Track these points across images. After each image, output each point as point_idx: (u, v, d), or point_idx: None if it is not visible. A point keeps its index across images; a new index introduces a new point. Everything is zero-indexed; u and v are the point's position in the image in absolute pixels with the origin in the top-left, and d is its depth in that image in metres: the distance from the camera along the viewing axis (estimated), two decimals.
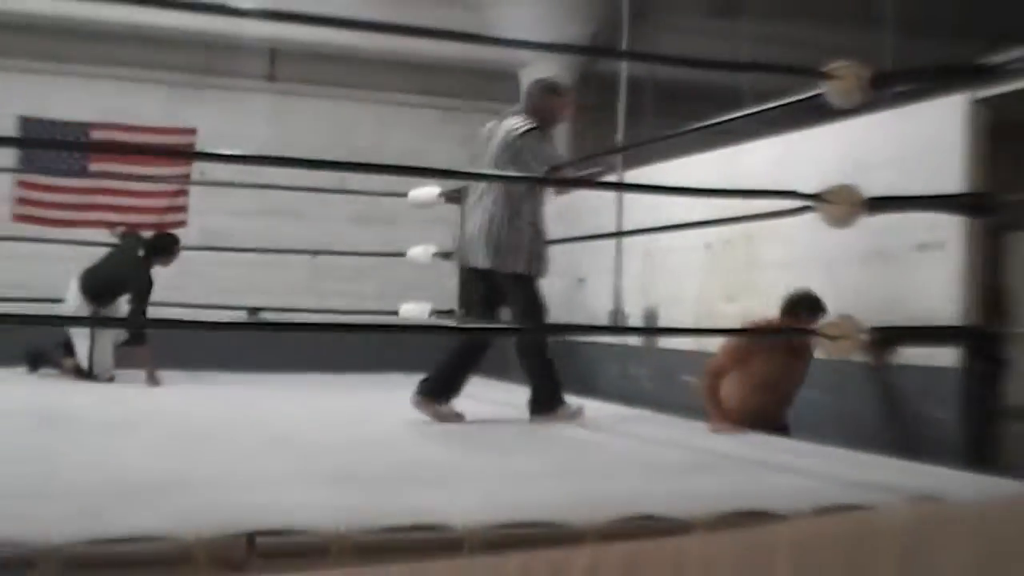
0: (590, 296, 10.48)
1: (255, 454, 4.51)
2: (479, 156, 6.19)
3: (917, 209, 5.42)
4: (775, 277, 7.83)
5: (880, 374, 6.40)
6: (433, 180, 7.81)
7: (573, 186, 8.71)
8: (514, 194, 6.03)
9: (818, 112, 4.37)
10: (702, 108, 6.23)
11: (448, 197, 8.31)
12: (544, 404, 6.08)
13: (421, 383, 5.92)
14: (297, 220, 10.85)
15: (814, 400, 7.11)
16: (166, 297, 8.29)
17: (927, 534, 3.38)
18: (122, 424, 5.72)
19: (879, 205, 4.12)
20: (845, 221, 4.00)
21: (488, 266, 6.08)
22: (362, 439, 5.05)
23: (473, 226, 6.16)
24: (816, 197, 3.99)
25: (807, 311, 6.27)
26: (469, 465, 4.46)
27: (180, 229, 9.96)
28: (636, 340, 9.62)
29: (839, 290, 7.08)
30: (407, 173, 6.48)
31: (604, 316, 10.03)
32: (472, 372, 6.13)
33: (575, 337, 10.62)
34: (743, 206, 5.48)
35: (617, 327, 9.85)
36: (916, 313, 6.44)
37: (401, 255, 8.06)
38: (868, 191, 4.10)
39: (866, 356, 6.19)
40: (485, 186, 6.13)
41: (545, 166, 5.97)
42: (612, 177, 9.92)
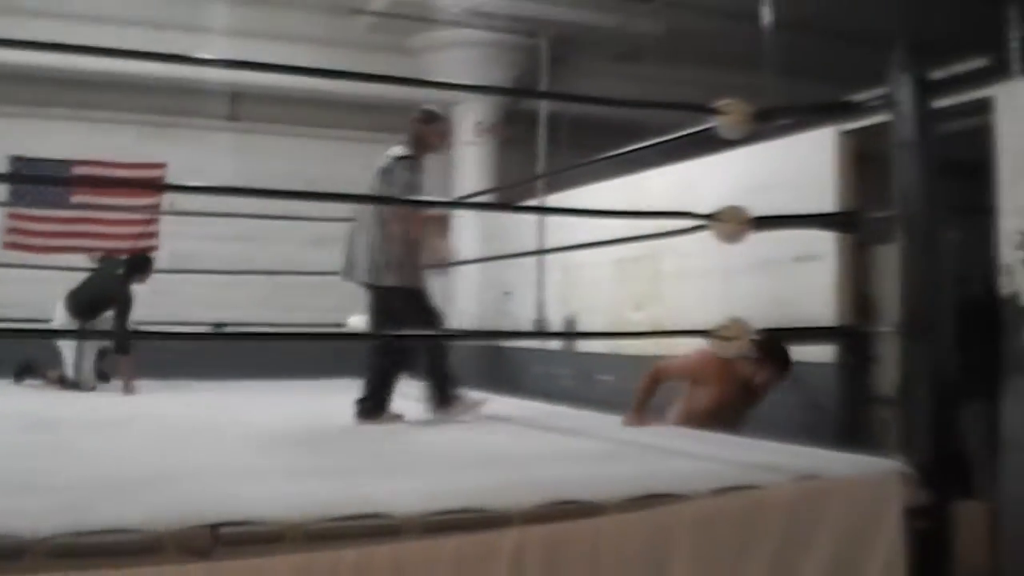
0: (516, 307, 10.50)
1: (221, 452, 4.47)
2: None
3: (796, 226, 5.48)
4: (677, 287, 7.90)
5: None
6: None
7: (494, 210, 8.75)
8: (386, 216, 5.86)
9: (712, 143, 4.40)
10: (611, 140, 6.27)
11: None
12: (443, 399, 6.01)
13: (357, 404, 5.84)
14: (259, 244, 10.75)
15: None
16: (142, 315, 8.29)
17: (808, 507, 3.43)
18: (102, 427, 5.66)
19: (764, 223, 4.16)
20: (734, 237, 4.03)
21: (369, 281, 5.98)
22: (316, 437, 5.02)
23: (357, 246, 6.03)
24: (709, 217, 4.02)
25: (781, 364, 5.88)
26: (408, 458, 4.45)
27: (152, 253, 9.85)
28: (557, 344, 9.64)
29: (732, 297, 7.17)
30: (356, 200, 6.44)
31: (529, 324, 10.06)
32: (396, 381, 6.07)
33: (503, 343, 10.65)
34: (647, 225, 5.51)
35: (540, 332, 9.87)
36: (798, 316, 6.52)
37: None
38: (755, 211, 4.14)
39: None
40: (367, 210, 6.02)
41: (407, 192, 5.85)
42: (534, 202, 9.97)
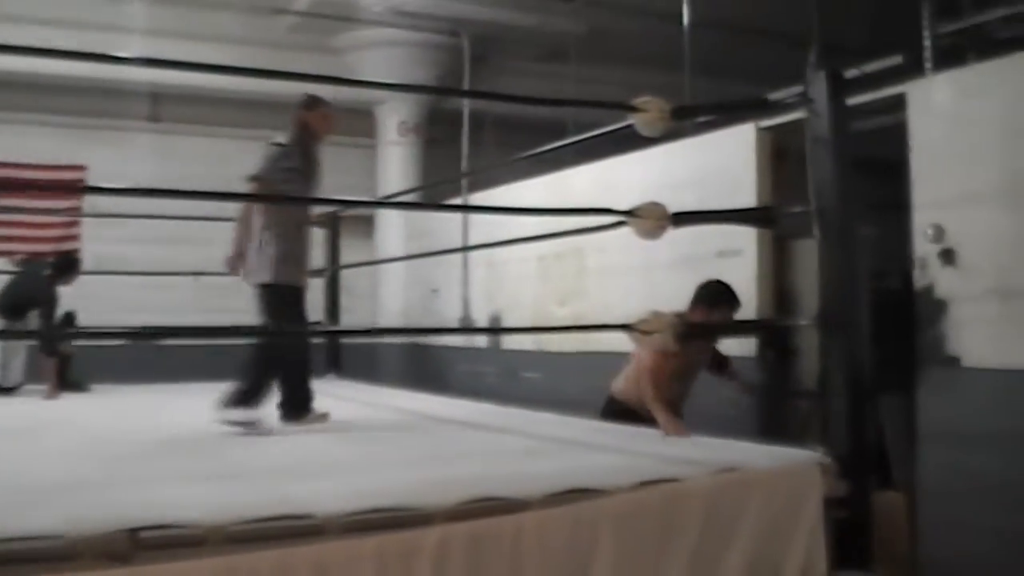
0: (443, 304, 10.48)
1: (142, 456, 4.38)
2: None
3: (716, 222, 5.54)
4: (600, 283, 7.93)
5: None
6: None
7: (419, 209, 8.67)
8: (268, 211, 5.55)
9: (638, 140, 4.41)
10: (534, 139, 6.27)
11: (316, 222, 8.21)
12: (294, 408, 5.55)
13: (279, 409, 5.52)
14: (182, 246, 10.59)
15: None
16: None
17: (728, 499, 3.45)
18: (22, 432, 5.53)
19: (683, 219, 4.16)
20: (653, 234, 4.02)
21: (250, 280, 5.67)
22: (238, 439, 4.94)
23: (243, 244, 5.72)
24: (629, 213, 4.02)
25: (727, 304, 5.65)
26: (331, 458, 4.38)
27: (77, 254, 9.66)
28: (483, 342, 9.64)
29: (654, 292, 7.20)
30: (277, 201, 6.34)
31: (455, 322, 10.04)
32: (305, 377, 5.68)
33: (429, 340, 10.64)
34: (571, 222, 5.51)
35: (465, 328, 9.87)
36: None
37: None
38: (678, 207, 4.16)
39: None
40: (251, 206, 5.70)
41: (279, 182, 5.47)
42: (458, 200, 9.96)
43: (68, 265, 8.58)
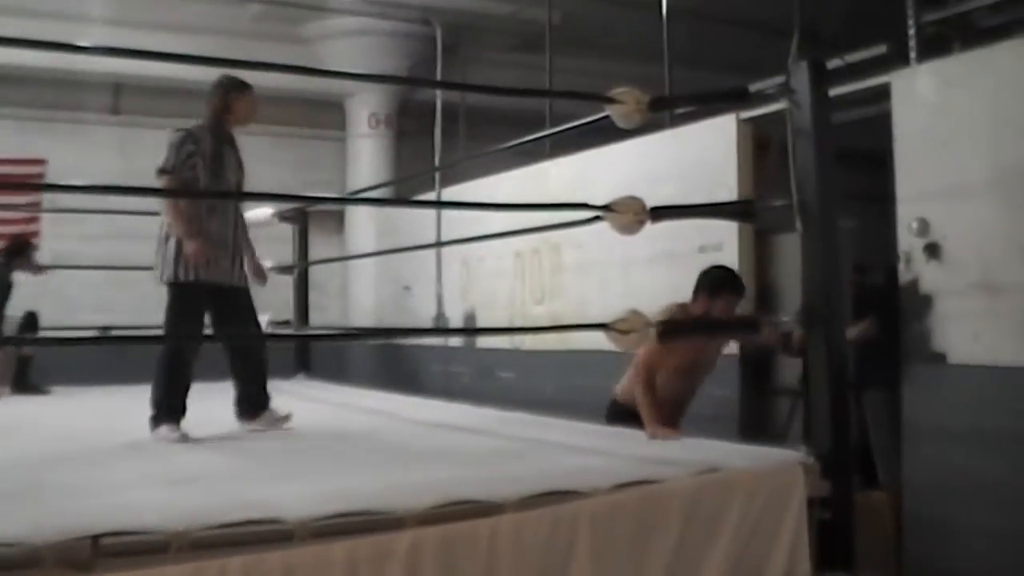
0: (416, 302, 10.46)
1: (104, 460, 4.34)
2: None
3: (695, 216, 5.52)
4: (578, 280, 7.94)
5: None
6: (266, 202, 7.69)
7: (390, 205, 8.61)
8: (166, 204, 5.27)
9: (617, 132, 4.41)
10: (508, 131, 6.27)
11: (282, 217, 8.18)
12: (251, 407, 5.36)
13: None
14: (144, 242, 10.51)
15: None
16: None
17: (709, 500, 3.46)
18: None
19: (661, 214, 4.17)
20: (631, 228, 4.03)
21: (159, 279, 5.36)
22: (204, 442, 4.91)
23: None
24: (606, 208, 4.02)
25: (730, 291, 5.45)
26: (300, 461, 4.37)
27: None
28: (457, 341, 9.63)
29: (633, 288, 7.22)
30: (243, 198, 6.31)
31: (429, 319, 10.03)
32: (260, 374, 5.45)
33: (402, 340, 10.63)
34: (546, 217, 5.50)
35: (438, 329, 9.85)
36: None
37: None
38: (656, 200, 4.16)
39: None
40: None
41: (168, 168, 5.17)
42: (432, 194, 9.95)
43: (20, 248, 8.50)
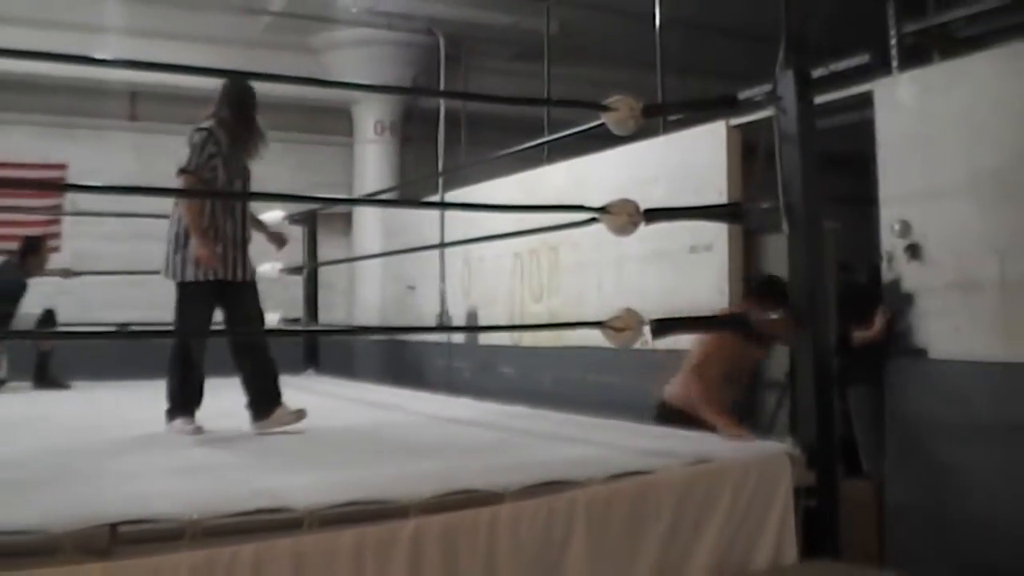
0: (420, 301, 10.47)
1: (122, 452, 4.34)
2: None
3: (687, 218, 5.53)
4: (575, 279, 7.94)
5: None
6: (277, 204, 7.67)
7: (395, 206, 8.55)
8: (184, 204, 5.12)
9: (614, 137, 4.40)
10: (508, 137, 6.26)
11: (292, 219, 8.17)
12: (263, 407, 5.05)
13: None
14: (160, 242, 10.52)
15: (612, 383, 7.23)
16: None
17: (699, 490, 3.47)
18: (4, 428, 5.46)
19: (654, 215, 4.17)
20: (625, 230, 4.03)
21: (167, 277, 5.23)
22: (216, 434, 4.91)
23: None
24: (601, 210, 4.03)
25: (779, 297, 5.05)
26: (308, 452, 4.37)
27: (54, 253, 9.57)
28: (459, 337, 9.63)
29: (627, 287, 7.23)
30: (255, 199, 6.32)
31: (432, 317, 10.03)
32: (269, 373, 5.16)
33: (407, 336, 10.64)
34: (544, 219, 5.50)
35: (441, 327, 9.85)
36: (692, 304, 6.59)
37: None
38: (649, 203, 4.16)
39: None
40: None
41: (187, 168, 5.06)
42: (435, 198, 9.96)
43: (32, 247, 8.51)
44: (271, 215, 7.50)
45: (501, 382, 8.54)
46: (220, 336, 5.82)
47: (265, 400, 5.08)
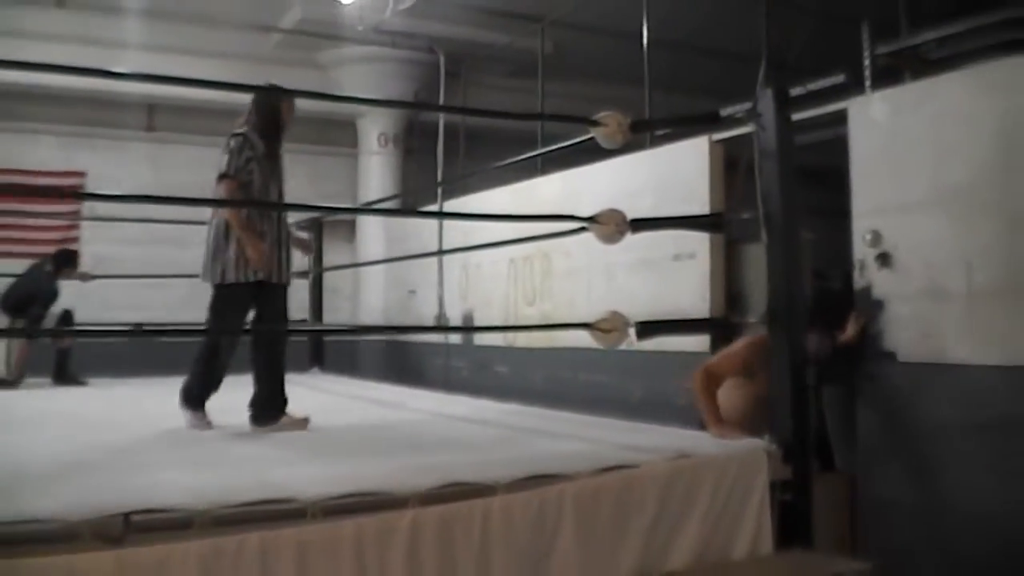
0: (420, 304, 10.47)
1: (136, 446, 4.35)
2: None
3: (671, 227, 5.56)
4: (566, 284, 7.95)
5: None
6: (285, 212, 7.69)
7: (397, 215, 8.51)
8: (231, 210, 5.04)
9: (600, 151, 4.41)
10: (504, 149, 6.27)
11: (299, 226, 8.18)
12: (265, 411, 4.95)
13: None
14: (175, 247, 10.54)
15: (600, 382, 7.24)
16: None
17: (681, 483, 3.49)
18: (23, 423, 5.49)
19: (640, 225, 4.19)
20: (613, 238, 4.05)
21: (205, 280, 5.09)
22: (227, 429, 4.91)
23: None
24: (590, 219, 4.04)
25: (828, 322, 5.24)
26: (313, 446, 4.37)
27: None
28: (457, 338, 9.64)
29: (615, 292, 7.23)
30: (263, 207, 6.33)
31: (432, 319, 10.04)
32: (278, 378, 5.06)
33: (407, 337, 10.63)
34: (537, 227, 5.51)
35: (440, 327, 9.85)
36: (675, 309, 6.60)
37: None
38: (636, 213, 4.18)
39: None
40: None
41: (227, 172, 5.02)
42: (434, 207, 9.97)
43: (67, 258, 8.60)
44: None
45: (496, 381, 8.55)
46: (244, 335, 5.72)
47: (270, 405, 4.97)
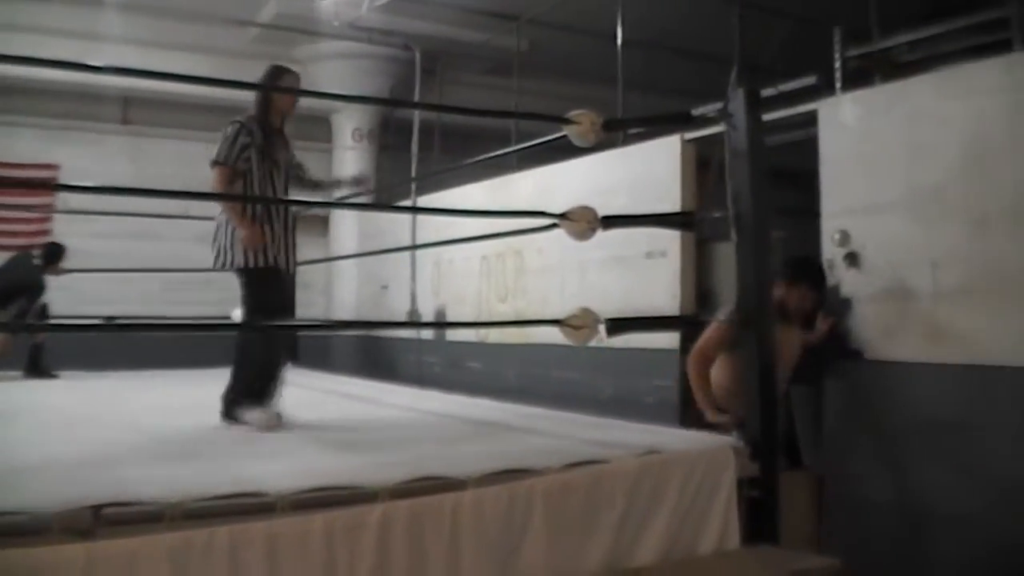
0: (392, 299, 10.45)
1: (109, 439, 4.30)
2: None
3: (642, 225, 5.56)
4: (538, 281, 7.95)
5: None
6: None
7: (371, 210, 8.49)
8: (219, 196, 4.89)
9: (574, 148, 4.40)
10: (478, 146, 6.27)
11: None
12: (236, 405, 4.79)
13: (221, 401, 4.83)
14: (147, 241, 10.48)
15: (571, 378, 7.24)
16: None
17: (650, 479, 3.49)
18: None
19: (612, 222, 4.18)
20: (584, 235, 4.04)
21: (214, 267, 4.92)
22: (198, 423, 4.86)
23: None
24: (562, 216, 4.03)
25: (808, 284, 5.16)
26: (284, 440, 4.33)
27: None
28: (429, 334, 9.62)
29: (587, 289, 7.24)
30: (239, 200, 6.27)
31: (404, 315, 10.01)
32: (259, 374, 4.89)
33: (379, 332, 10.60)
34: (510, 223, 5.50)
35: (413, 323, 9.84)
36: (646, 306, 6.62)
37: None
38: (609, 211, 4.17)
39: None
40: None
41: (239, 160, 4.83)
42: (408, 202, 9.95)
43: (56, 252, 8.57)
44: None
45: (468, 376, 8.54)
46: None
47: (241, 400, 4.79)
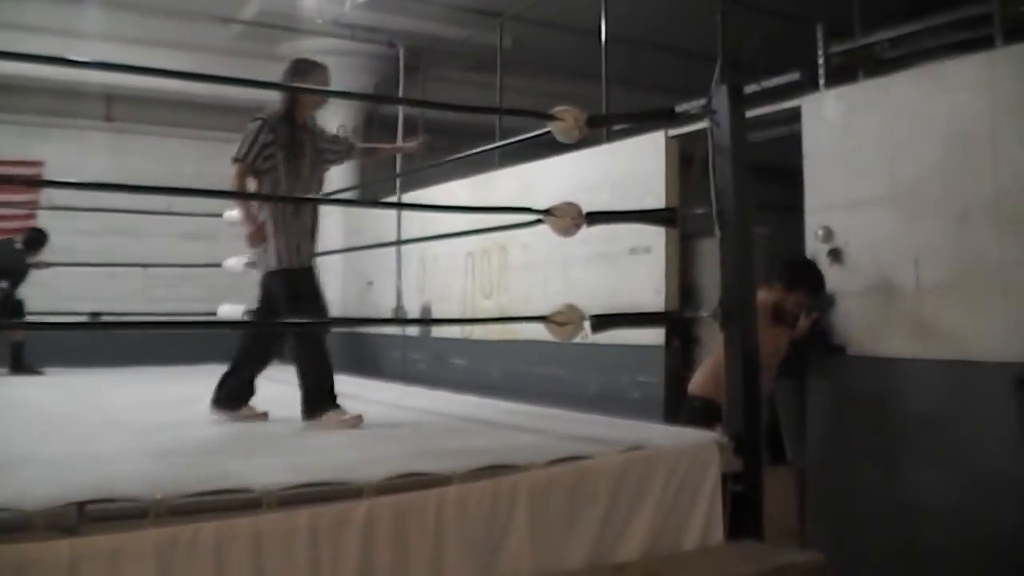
0: (377, 296, 10.43)
1: (93, 435, 4.30)
2: None
3: (626, 221, 5.55)
4: (523, 277, 7.94)
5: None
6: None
7: (356, 206, 8.46)
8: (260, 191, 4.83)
9: (559, 145, 4.39)
10: (463, 143, 6.25)
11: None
12: (227, 399, 4.89)
13: (216, 391, 4.92)
14: (131, 238, 10.45)
15: (555, 375, 7.24)
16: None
17: (634, 474, 3.49)
18: None
19: (596, 218, 4.18)
20: (568, 231, 4.04)
21: (264, 268, 4.97)
22: (183, 420, 4.85)
23: None
24: (546, 212, 4.03)
25: (807, 288, 5.26)
26: (269, 437, 4.34)
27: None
28: (414, 331, 9.61)
29: (572, 285, 7.24)
30: (222, 196, 6.26)
31: (390, 312, 10.00)
32: (253, 371, 5.07)
33: (365, 329, 10.59)
34: (494, 220, 5.49)
35: (398, 319, 9.82)
36: (631, 302, 6.62)
37: (218, 265, 7.79)
38: (593, 207, 4.17)
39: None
40: None
41: (260, 158, 4.75)
42: (393, 199, 9.94)
43: (39, 238, 8.61)
44: (236, 213, 7.42)
45: (453, 373, 8.54)
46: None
47: (233, 395, 4.90)
